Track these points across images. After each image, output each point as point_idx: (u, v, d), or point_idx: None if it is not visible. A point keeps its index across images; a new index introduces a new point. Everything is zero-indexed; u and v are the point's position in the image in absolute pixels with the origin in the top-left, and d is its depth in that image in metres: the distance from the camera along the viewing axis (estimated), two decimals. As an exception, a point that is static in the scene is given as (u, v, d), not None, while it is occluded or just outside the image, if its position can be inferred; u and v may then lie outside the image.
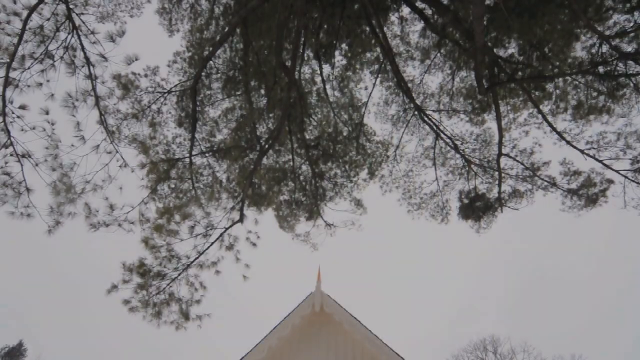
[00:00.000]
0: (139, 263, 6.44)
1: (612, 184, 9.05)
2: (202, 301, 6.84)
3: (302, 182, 9.90)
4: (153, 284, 6.81)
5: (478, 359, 33.57)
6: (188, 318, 6.70)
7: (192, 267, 6.82)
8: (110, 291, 6.28)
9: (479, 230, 10.16)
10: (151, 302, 6.84)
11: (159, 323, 6.70)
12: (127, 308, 6.68)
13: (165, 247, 6.57)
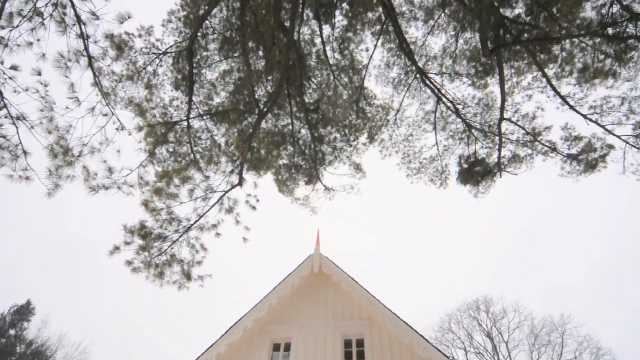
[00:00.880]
0: (139, 225, 6.53)
1: (612, 149, 9.03)
2: (203, 262, 7.01)
3: (301, 146, 9.85)
4: (154, 246, 6.94)
5: (471, 317, 34.89)
6: (190, 278, 6.89)
7: (193, 230, 6.93)
8: (113, 252, 6.41)
9: (477, 195, 10.23)
10: (153, 263, 7.01)
11: (161, 283, 6.89)
12: (130, 269, 6.85)
13: (166, 209, 6.65)
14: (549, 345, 31.76)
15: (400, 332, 9.83)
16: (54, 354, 28.62)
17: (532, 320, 33.61)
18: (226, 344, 10.45)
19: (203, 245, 7.04)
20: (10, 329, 26.94)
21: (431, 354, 9.22)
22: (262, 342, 10.95)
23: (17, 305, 28.62)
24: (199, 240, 6.98)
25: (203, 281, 6.99)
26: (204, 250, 7.03)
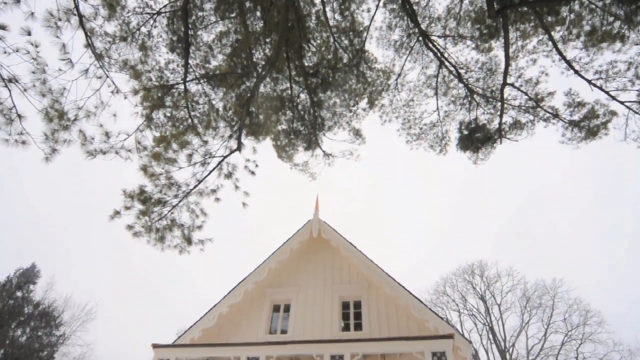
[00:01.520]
0: (139, 190, 6.55)
1: (615, 116, 8.93)
2: (203, 227, 7.08)
3: (300, 111, 9.71)
4: (154, 211, 6.99)
5: (466, 281, 35.86)
6: (190, 242, 6.98)
7: (192, 195, 6.95)
8: (114, 217, 6.46)
9: (476, 162, 10.21)
10: (154, 227, 7.08)
11: (162, 247, 6.99)
12: (131, 233, 6.93)
13: (165, 174, 6.64)
14: (539, 308, 32.79)
15: (396, 294, 10.11)
16: (61, 314, 29.58)
17: (525, 284, 34.52)
18: (228, 305, 10.77)
19: (203, 210, 7.09)
20: (17, 291, 27.67)
21: (426, 315, 9.52)
22: (263, 304, 11.29)
23: (23, 268, 29.24)
24: (198, 205, 7.02)
25: (204, 245, 7.09)
26: (204, 215, 7.09)
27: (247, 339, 10.11)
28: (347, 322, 10.58)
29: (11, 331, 25.92)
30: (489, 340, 32.75)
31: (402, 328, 9.85)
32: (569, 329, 30.37)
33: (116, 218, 6.56)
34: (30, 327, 27.28)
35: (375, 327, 10.04)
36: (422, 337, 8.17)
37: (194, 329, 10.38)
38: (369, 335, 9.76)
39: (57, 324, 28.69)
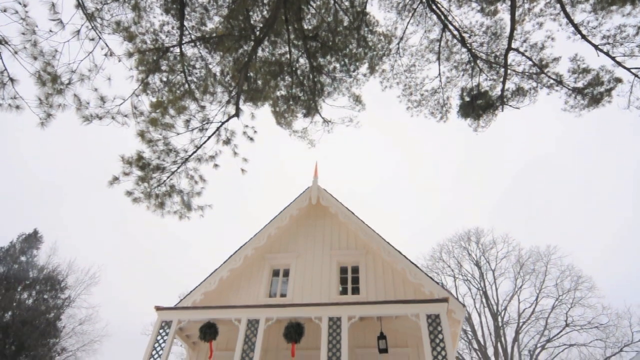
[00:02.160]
0: (137, 156, 6.50)
1: (619, 83, 8.77)
2: (202, 193, 7.10)
3: (299, 76, 9.51)
4: (153, 177, 6.98)
5: (461, 247, 36.55)
6: (190, 208, 7.02)
7: (191, 161, 6.92)
8: (112, 183, 6.45)
9: (477, 129, 10.12)
10: (153, 193, 7.10)
11: (162, 213, 7.04)
12: (130, 199, 6.95)
13: (162, 140, 6.58)
14: (532, 274, 33.59)
15: (393, 260, 10.31)
16: (65, 278, 30.25)
17: (520, 250, 35.19)
18: (228, 270, 11.00)
19: (202, 176, 7.08)
20: (21, 256, 28.14)
21: (422, 280, 9.75)
22: (262, 269, 11.52)
23: (25, 234, 29.59)
24: (197, 172, 7.01)
25: (203, 211, 7.14)
26: (203, 182, 7.09)
27: (247, 302, 10.40)
28: (344, 286, 10.85)
29: (17, 294, 26.58)
30: (482, 304, 33.79)
31: (399, 292, 10.12)
32: (559, 293, 31.28)
33: (115, 184, 6.55)
34: (36, 291, 27.96)
35: (372, 291, 10.31)
36: (418, 300, 8.40)
37: (195, 292, 10.65)
38: (366, 298, 10.04)
39: (62, 288, 29.39)
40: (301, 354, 8.66)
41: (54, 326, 27.42)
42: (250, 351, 7.96)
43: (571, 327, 30.15)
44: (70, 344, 30.64)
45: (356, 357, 9.01)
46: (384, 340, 8.73)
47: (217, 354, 9.33)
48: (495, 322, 32.23)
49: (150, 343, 8.43)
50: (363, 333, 9.26)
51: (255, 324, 8.33)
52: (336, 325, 7.99)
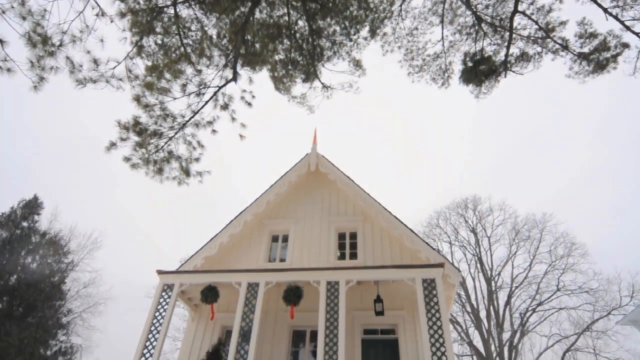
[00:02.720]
0: (134, 121, 6.42)
1: (626, 48, 8.55)
2: (201, 159, 7.06)
3: (298, 40, 9.22)
4: (151, 143, 6.93)
5: (458, 215, 36.99)
6: (189, 174, 7.01)
7: (188, 127, 6.84)
8: (110, 148, 6.40)
9: (478, 96, 9.96)
10: (152, 159, 7.06)
11: (161, 179, 7.03)
12: (128, 165, 6.92)
13: (159, 105, 6.47)
14: (527, 240, 34.19)
15: (391, 226, 10.43)
16: (67, 243, 30.73)
17: (516, 218, 35.65)
18: (228, 235, 11.14)
19: (200, 142, 7.02)
20: (22, 221, 28.40)
21: (419, 246, 9.92)
22: (262, 234, 11.68)
23: (25, 199, 29.73)
24: (195, 137, 6.94)
25: (202, 177, 7.13)
26: (201, 147, 7.04)
27: (247, 267, 10.61)
28: (343, 251, 11.05)
29: (22, 259, 27.06)
30: (476, 269, 34.61)
31: (396, 257, 10.32)
32: (553, 259, 31.99)
33: (112, 150, 6.51)
34: (40, 255, 28.44)
35: (369, 256, 10.51)
36: (414, 265, 8.59)
37: (196, 257, 10.84)
38: (364, 263, 10.25)
39: (65, 252, 29.90)
40: (300, 316, 8.94)
41: (59, 289, 28.12)
42: (251, 313, 8.21)
43: (562, 291, 31.05)
44: (76, 306, 31.58)
45: (353, 319, 9.31)
46: (381, 303, 8.99)
47: (218, 315, 9.62)
48: (489, 286, 33.15)
49: (153, 305, 8.67)
50: (360, 296, 9.52)
51: (255, 287, 8.54)
52: (334, 289, 8.20)
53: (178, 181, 7.04)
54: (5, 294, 25.13)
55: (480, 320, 31.92)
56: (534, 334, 32.21)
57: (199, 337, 9.92)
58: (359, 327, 9.35)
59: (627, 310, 26.06)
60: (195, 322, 10.28)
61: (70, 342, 28.58)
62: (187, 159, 6.95)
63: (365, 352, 9.05)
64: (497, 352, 30.45)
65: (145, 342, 8.17)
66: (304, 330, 9.65)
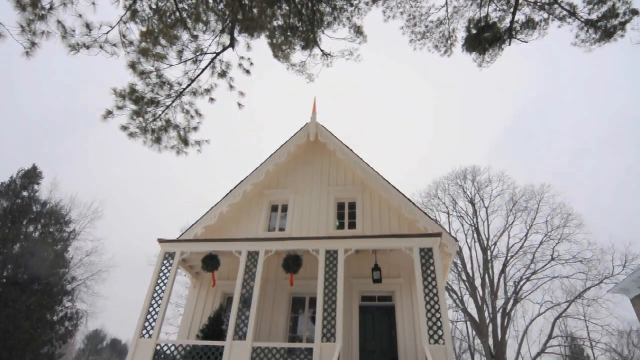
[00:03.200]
0: (129, 89, 6.29)
1: (635, 15, 8.30)
2: (199, 128, 6.98)
3: (297, 4, 8.91)
4: (148, 111, 6.82)
5: (457, 185, 37.14)
6: (187, 143, 6.95)
7: (186, 95, 6.72)
8: (106, 117, 6.31)
9: (481, 64, 9.74)
10: (149, 128, 6.97)
11: (159, 148, 6.97)
12: (126, 134, 6.84)
13: (155, 72, 6.32)
14: (524, 211, 34.50)
15: (389, 196, 10.48)
16: (68, 212, 30.96)
17: (514, 189, 35.83)
18: (228, 204, 11.20)
19: (198, 110, 6.91)
20: (22, 191, 28.48)
21: (417, 216, 10.00)
22: (261, 204, 11.75)
23: (24, 169, 29.67)
24: (193, 106, 6.83)
25: (201, 146, 7.07)
26: (199, 116, 6.94)
27: (247, 236, 10.74)
28: (341, 221, 11.15)
29: (24, 228, 27.33)
30: (473, 239, 35.12)
31: (394, 227, 10.43)
32: (548, 229, 32.41)
33: (109, 118, 6.41)
34: (41, 224, 28.72)
35: (368, 226, 10.62)
36: (412, 235, 8.69)
37: (196, 226, 10.95)
38: (362, 233, 10.37)
39: (66, 222, 30.17)
40: (299, 283, 9.13)
41: (62, 257, 28.58)
42: (251, 280, 8.37)
43: (556, 260, 31.64)
44: (79, 274, 32.24)
45: (351, 286, 9.52)
46: (378, 271, 9.17)
47: (219, 282, 9.83)
48: (485, 255, 33.73)
49: (155, 273, 8.83)
50: (358, 264, 9.69)
51: (255, 256, 8.67)
52: (333, 257, 8.33)
53: (177, 150, 6.99)
54: (9, 262, 25.56)
55: (475, 288, 32.70)
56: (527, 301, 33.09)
57: (200, 304, 10.18)
58: (356, 294, 9.58)
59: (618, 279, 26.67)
60: (196, 289, 10.51)
61: (75, 308, 29.35)
62: (185, 128, 6.87)
63: (362, 318, 9.31)
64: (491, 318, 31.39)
65: (149, 307, 8.37)
66: (303, 297, 9.89)
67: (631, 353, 34.39)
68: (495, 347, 30.21)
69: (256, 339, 8.37)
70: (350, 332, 8.89)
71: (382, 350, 8.83)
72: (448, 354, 6.88)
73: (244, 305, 8.13)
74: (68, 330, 27.33)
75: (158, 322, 8.18)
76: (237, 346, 7.58)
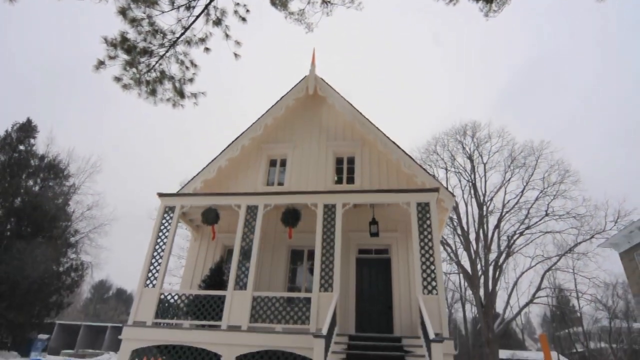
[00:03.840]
0: (121, 37, 6.04)
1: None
2: (195, 80, 6.78)
3: (295, -54, 8.35)
4: (142, 61, 6.59)
5: (456, 141, 36.98)
6: (183, 96, 6.78)
7: (180, 44, 6.45)
8: (98, 67, 6.10)
9: (488, 14, 9.32)
10: (144, 80, 6.77)
11: (155, 100, 6.81)
12: (120, 85, 6.66)
13: (147, 20, 6.03)
14: (522, 167, 34.63)
15: (388, 151, 10.44)
16: (67, 167, 30.94)
17: (514, 145, 35.74)
18: (226, 159, 11.17)
19: (193, 61, 6.67)
20: (19, 145, 28.26)
21: (415, 171, 10.02)
22: (260, 158, 11.72)
23: (19, 122, 29.25)
24: (187, 56, 6.57)
25: (197, 99, 6.91)
26: (195, 67, 6.71)
27: (245, 190, 10.80)
28: (340, 176, 11.19)
29: (23, 182, 27.43)
30: (470, 195, 35.52)
31: (392, 182, 10.49)
32: (545, 186, 32.71)
33: (101, 69, 6.21)
34: (41, 178, 28.81)
35: (366, 180, 10.67)
36: (410, 189, 8.76)
37: (196, 180, 10.98)
38: (360, 187, 10.44)
39: (65, 176, 30.25)
40: (298, 237, 9.31)
41: (64, 211, 28.96)
42: (251, 233, 8.53)
43: (550, 216, 32.21)
44: (82, 227, 32.82)
45: (349, 239, 9.73)
46: (376, 225, 9.33)
47: (219, 235, 10.02)
48: (480, 211, 34.27)
49: (156, 226, 8.97)
50: (356, 218, 9.84)
51: (254, 210, 8.77)
52: (331, 212, 8.44)
53: (172, 103, 6.83)
54: (12, 215, 25.91)
55: (469, 242, 33.53)
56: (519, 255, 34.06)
57: (202, 256, 10.44)
58: (354, 247, 9.81)
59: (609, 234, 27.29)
60: (197, 241, 10.74)
61: (80, 259, 30.19)
62: (181, 80, 6.67)
63: (359, 270, 9.61)
64: (483, 270, 32.47)
65: (151, 259, 8.59)
66: (301, 249, 10.13)
67: (615, 304, 36.01)
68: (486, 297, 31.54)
69: (256, 289, 8.67)
70: (347, 283, 9.20)
71: (378, 300, 9.19)
72: (440, 303, 7.17)
73: (244, 257, 8.34)
74: (74, 280, 28.29)
75: (161, 273, 8.42)
76: (238, 295, 7.87)
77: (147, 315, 7.95)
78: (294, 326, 7.41)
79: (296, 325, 7.42)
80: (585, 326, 37.82)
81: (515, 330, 47.45)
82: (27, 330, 25.76)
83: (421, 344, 6.75)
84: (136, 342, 7.71)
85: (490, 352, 29.60)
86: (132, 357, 7.60)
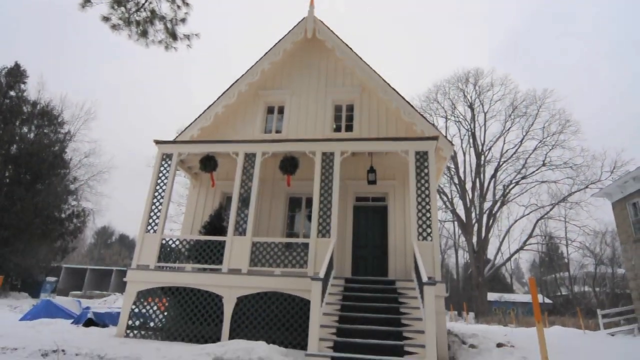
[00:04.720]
0: (106, -28, 5.66)
1: None
2: (187, 20, 6.45)
3: None
4: (130, 0, 6.24)
5: (458, 89, 36.22)
6: (176, 37, 6.50)
7: (169, -20, 6.07)
8: (84, 5, 5.78)
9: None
10: (133, 20, 6.45)
11: (146, 42, 6.53)
12: (108, 26, 6.35)
13: (132, -48, 5.62)
14: (523, 117, 34.25)
15: (389, 98, 10.23)
16: (61, 113, 30.38)
17: (516, 93, 35.09)
18: (223, 106, 10.95)
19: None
20: (9, 91, 27.47)
21: (415, 119, 9.88)
22: (257, 105, 11.49)
23: (7, 67, 28.21)
24: (178, -6, 6.22)
25: (190, 41, 6.62)
26: (187, 6, 6.35)
27: (243, 138, 10.70)
28: (339, 124, 11.04)
29: (17, 129, 27.03)
30: (468, 144, 35.45)
31: (391, 130, 10.38)
32: (544, 135, 32.59)
33: (88, 7, 5.88)
34: (35, 125, 28.38)
35: (365, 129, 10.55)
36: (408, 138, 8.69)
37: (192, 127, 10.84)
38: (359, 135, 10.34)
39: (59, 122, 29.78)
40: (296, 184, 9.38)
41: (61, 158, 28.84)
42: (249, 181, 8.57)
43: (547, 166, 32.42)
44: (81, 174, 32.95)
45: (347, 187, 9.81)
46: (374, 173, 9.37)
47: (218, 183, 10.08)
48: (478, 160, 34.37)
49: (154, 174, 8.98)
50: (354, 166, 9.86)
51: (252, 157, 8.75)
52: (329, 159, 8.43)
53: (165, 45, 6.55)
54: (9, 162, 25.82)
55: (465, 191, 33.97)
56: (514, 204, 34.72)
57: (201, 203, 10.57)
58: (351, 194, 9.92)
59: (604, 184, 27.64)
60: (196, 189, 10.82)
61: (81, 206, 30.63)
62: (172, 20, 6.34)
63: (356, 217, 9.79)
64: (477, 219, 33.20)
65: (151, 206, 8.70)
66: (300, 197, 10.25)
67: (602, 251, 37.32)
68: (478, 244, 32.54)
69: (255, 235, 8.88)
70: (344, 229, 9.41)
71: (374, 245, 9.46)
72: (434, 249, 7.38)
73: (243, 204, 8.45)
74: (77, 226, 28.89)
75: (161, 219, 8.56)
76: (237, 241, 8.07)
77: (149, 260, 8.20)
78: (293, 270, 7.69)
79: (294, 269, 7.69)
80: (571, 272, 39.50)
81: (505, 275, 49.60)
82: (36, 273, 26.73)
83: (414, 286, 7.04)
84: (141, 284, 8.03)
85: (479, 295, 31.16)
86: (137, 298, 7.95)
